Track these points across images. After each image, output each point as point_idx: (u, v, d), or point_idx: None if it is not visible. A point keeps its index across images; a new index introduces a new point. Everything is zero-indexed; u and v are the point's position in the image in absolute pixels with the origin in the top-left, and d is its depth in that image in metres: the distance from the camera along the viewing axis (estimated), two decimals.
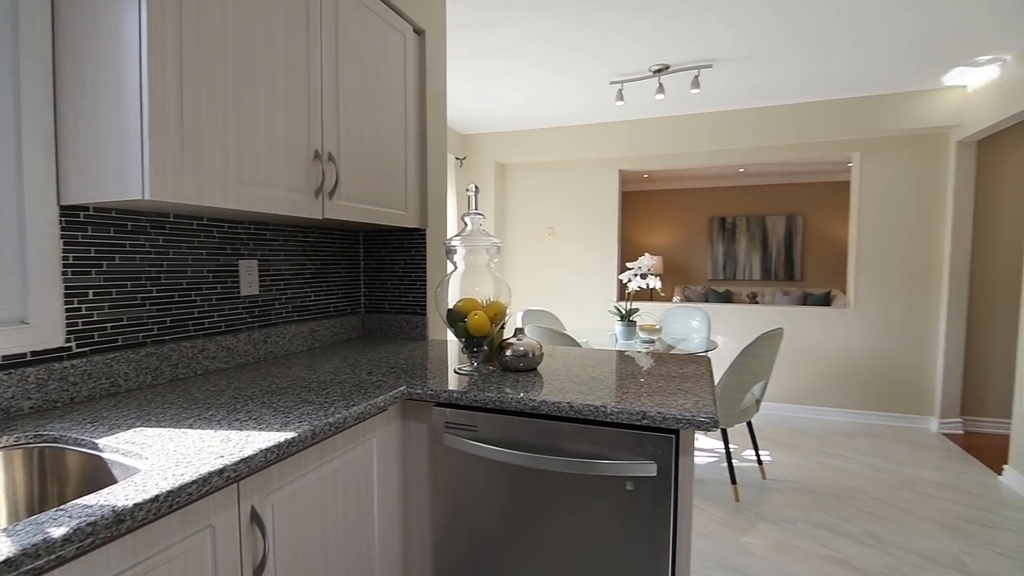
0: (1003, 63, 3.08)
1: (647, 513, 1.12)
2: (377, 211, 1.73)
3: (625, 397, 1.19)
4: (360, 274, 2.18)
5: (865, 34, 2.70)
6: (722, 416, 2.71)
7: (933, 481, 2.94)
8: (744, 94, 3.68)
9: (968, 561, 2.16)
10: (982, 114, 3.30)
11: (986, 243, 3.73)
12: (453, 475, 1.29)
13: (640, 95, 3.63)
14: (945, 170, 3.77)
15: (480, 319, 1.41)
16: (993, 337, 3.74)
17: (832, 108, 3.82)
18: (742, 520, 2.51)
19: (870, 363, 4.01)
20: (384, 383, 1.34)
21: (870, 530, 2.41)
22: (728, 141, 4.09)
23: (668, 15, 2.54)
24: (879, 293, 3.97)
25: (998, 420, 3.74)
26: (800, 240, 7.28)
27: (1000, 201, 3.68)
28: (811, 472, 3.07)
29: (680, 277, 7.93)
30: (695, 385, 1.31)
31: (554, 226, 4.88)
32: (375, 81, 1.71)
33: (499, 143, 4.74)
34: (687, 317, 3.85)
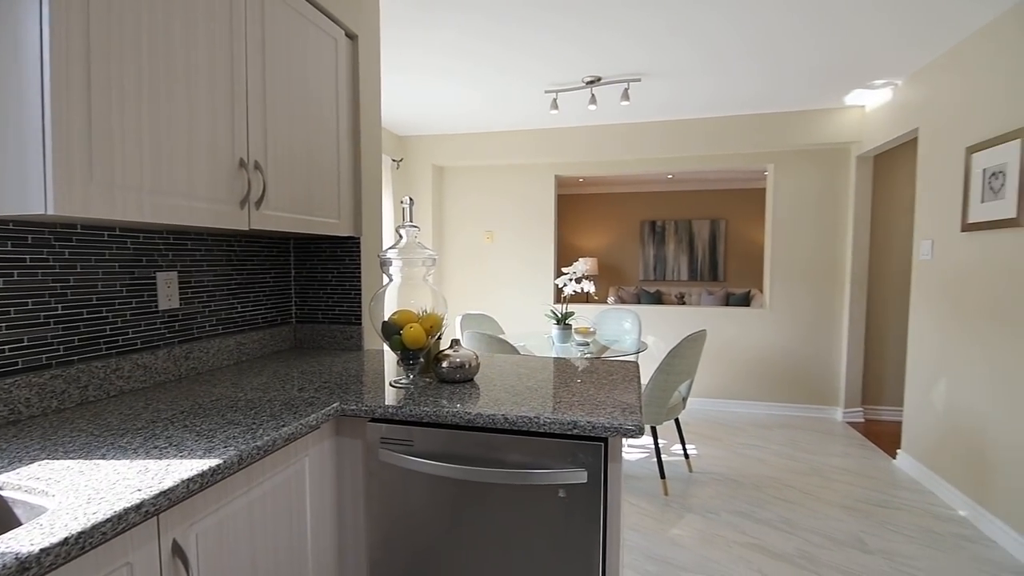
0: (895, 87, 3.42)
1: (579, 518, 1.17)
2: (308, 220, 1.69)
3: (558, 407, 1.24)
4: (291, 283, 2.11)
5: (772, 59, 2.91)
6: (651, 415, 2.84)
7: (838, 467, 3.22)
8: (668, 108, 3.86)
9: (867, 540, 2.39)
10: (878, 132, 3.65)
11: (881, 249, 4.12)
12: (389, 491, 1.28)
13: (574, 105, 3.73)
14: (847, 182, 4.13)
15: (416, 332, 1.41)
16: (888, 333, 4.14)
17: (746, 123, 4.09)
18: (670, 513, 2.64)
19: (784, 359, 4.33)
20: (317, 399, 1.32)
21: (783, 516, 2.61)
22: (653, 151, 4.28)
23: (594, 41, 2.64)
24: (791, 295, 4.30)
25: (893, 408, 4.15)
26: (723, 243, 7.72)
27: (893, 211, 4.08)
28: (732, 463, 3.28)
29: (614, 278, 8.20)
30: (623, 393, 1.37)
31: (492, 229, 4.92)
32: (305, 86, 1.66)
33: (436, 145, 4.72)
34: (619, 319, 4.00)
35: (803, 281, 4.27)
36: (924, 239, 3.06)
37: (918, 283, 3.11)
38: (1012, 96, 2.35)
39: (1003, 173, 2.39)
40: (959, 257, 2.72)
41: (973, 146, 2.59)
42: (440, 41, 2.75)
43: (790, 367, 4.32)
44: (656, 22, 2.49)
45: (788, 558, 2.25)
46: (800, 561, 2.23)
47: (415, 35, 2.68)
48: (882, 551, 2.30)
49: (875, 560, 2.23)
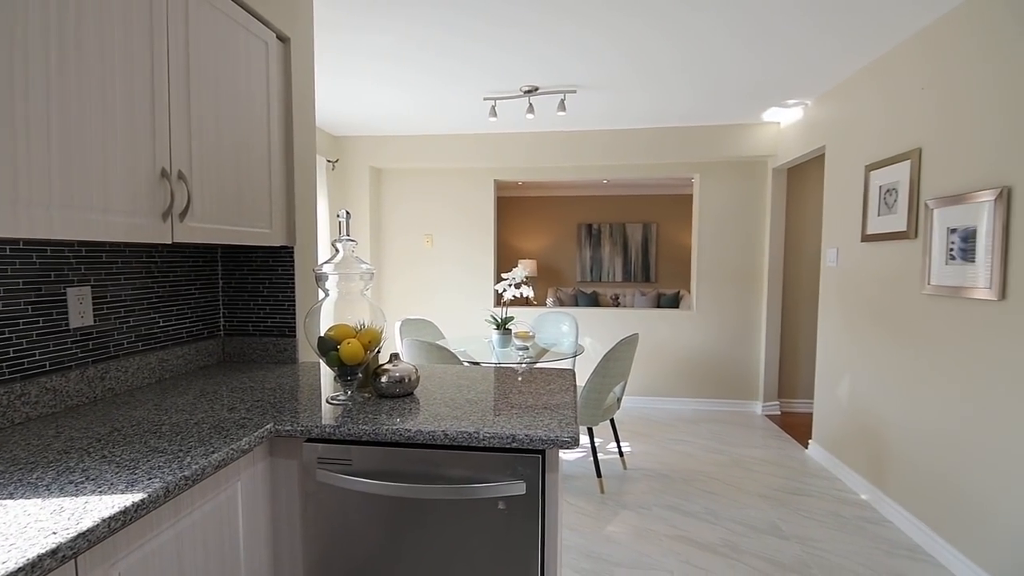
0: (805, 106, 3.71)
1: (519, 528, 1.20)
2: (238, 231, 1.62)
3: (497, 420, 1.27)
4: (219, 294, 2.02)
5: (701, 77, 3.09)
6: (588, 416, 2.94)
7: (757, 458, 3.46)
8: (606, 118, 3.99)
9: (783, 526, 2.59)
10: (791, 147, 3.95)
11: (795, 255, 4.46)
12: (327, 511, 1.26)
13: (512, 112, 3.78)
14: (764, 192, 4.44)
15: (354, 347, 1.40)
16: (801, 332, 4.49)
17: (677, 134, 4.30)
18: (606, 511, 2.75)
19: (709, 357, 4.59)
20: (248, 420, 1.28)
21: (709, 507, 2.78)
22: (589, 158, 4.41)
23: (532, 52, 2.70)
24: (716, 297, 4.56)
25: (805, 401, 4.50)
26: (655, 246, 8.06)
27: (804, 220, 4.43)
28: (663, 459, 3.44)
29: (553, 279, 8.36)
30: (560, 404, 1.42)
31: (432, 232, 4.89)
32: (234, 91, 1.60)
33: (374, 147, 4.63)
34: (557, 322, 4.09)
35: (726, 284, 4.54)
36: (830, 247, 3.35)
37: (825, 287, 3.40)
38: (904, 121, 2.62)
39: (896, 190, 2.66)
40: (860, 264, 3.00)
41: (871, 164, 2.86)
42: (378, 46, 2.71)
43: (715, 365, 4.58)
44: (595, 38, 2.58)
45: (713, 548, 2.40)
46: (724, 550, 2.38)
47: (352, 39, 2.63)
48: (796, 536, 2.50)
49: (790, 545, 2.42)
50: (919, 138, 2.50)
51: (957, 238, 2.22)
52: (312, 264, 2.11)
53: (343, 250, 1.46)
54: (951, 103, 2.28)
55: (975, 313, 2.12)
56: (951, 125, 2.28)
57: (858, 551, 2.37)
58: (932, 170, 2.40)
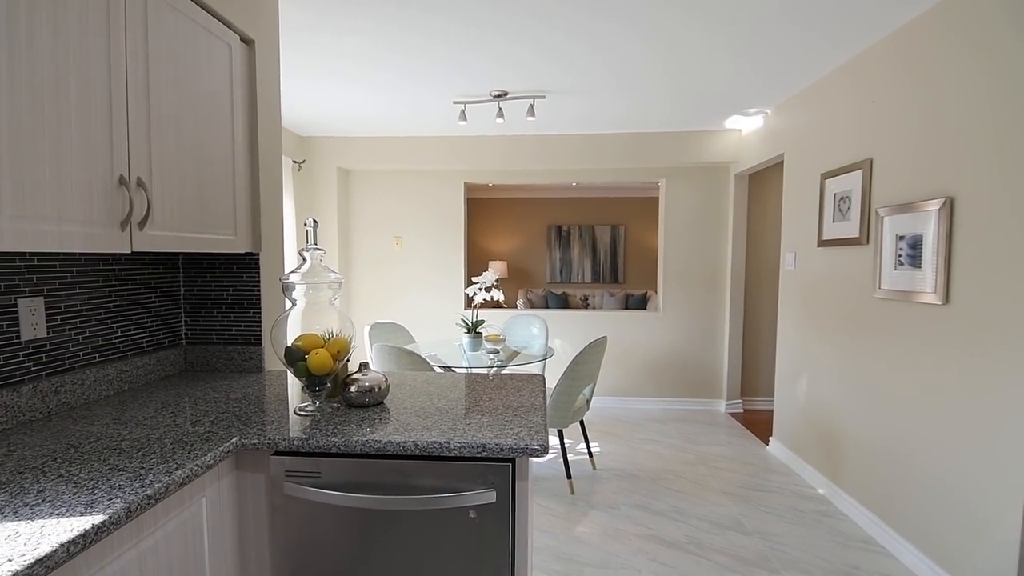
0: (766, 115, 3.84)
1: (489, 536, 1.22)
2: (201, 238, 1.59)
3: (467, 429, 1.28)
4: (181, 302, 1.96)
5: (668, 82, 3.16)
6: (558, 419, 2.97)
7: (721, 456, 3.56)
8: (572, 122, 4.04)
9: (745, 522, 2.68)
10: (752, 154, 4.08)
11: (756, 258, 4.61)
12: (296, 525, 1.25)
13: (482, 116, 3.79)
14: (727, 197, 4.57)
15: (322, 358, 1.39)
16: (761, 332, 4.64)
17: (647, 140, 4.39)
18: (576, 511, 2.79)
19: (675, 358, 4.70)
20: (213, 434, 1.25)
21: (675, 505, 2.85)
22: (559, 162, 4.46)
23: (504, 54, 2.72)
24: (681, 299, 4.68)
25: (767, 399, 4.65)
26: (623, 247, 8.19)
27: (765, 224, 4.58)
28: (632, 458, 3.51)
29: (523, 280, 8.40)
30: (530, 410, 1.44)
31: (401, 235, 4.85)
32: (196, 95, 1.56)
33: (342, 148, 4.56)
34: (527, 324, 4.12)
35: (691, 286, 4.66)
36: (789, 251, 3.47)
37: (784, 290, 3.53)
38: (857, 131, 2.74)
39: (849, 198, 2.78)
40: (816, 268, 3.12)
41: (827, 173, 2.99)
42: (345, 47, 2.68)
43: (681, 365, 4.70)
44: (565, 41, 2.60)
45: (680, 545, 2.47)
46: (690, 547, 2.45)
47: (319, 39, 2.59)
48: (758, 532, 2.59)
49: (752, 540, 2.51)
50: (870, 149, 2.62)
51: (905, 245, 2.33)
52: (279, 270, 2.08)
53: (311, 259, 1.45)
54: (899, 117, 2.40)
55: (922, 316, 2.24)
56: (899, 138, 2.40)
57: (816, 544, 2.47)
58: (882, 180, 2.52)
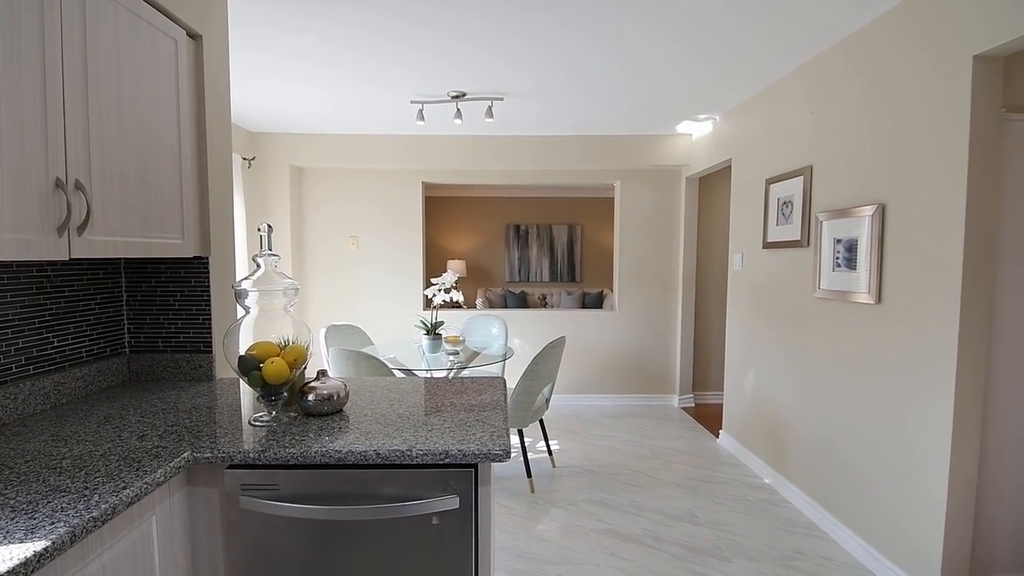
0: (715, 121, 3.99)
1: (452, 542, 1.22)
2: (145, 243, 1.52)
3: (429, 436, 1.28)
4: (123, 309, 1.87)
5: (624, 86, 3.24)
6: (518, 419, 3.00)
7: (674, 449, 3.69)
8: (530, 124, 4.08)
9: (698, 513, 2.79)
10: (702, 158, 4.23)
11: (706, 258, 4.78)
12: (253, 540, 1.22)
13: (441, 116, 3.76)
14: (679, 199, 4.72)
15: (278, 367, 1.35)
16: (712, 329, 4.83)
17: (603, 143, 4.48)
18: (537, 510, 2.82)
19: (630, 355, 4.82)
20: (163, 449, 1.20)
21: (632, 500, 2.93)
22: (517, 163, 4.49)
23: (460, 56, 2.71)
24: (636, 297, 4.80)
25: (717, 393, 4.84)
26: (580, 247, 8.32)
27: (714, 226, 4.76)
28: (590, 455, 3.59)
29: (482, 280, 8.40)
30: (491, 414, 1.46)
31: (357, 234, 4.76)
32: (139, 92, 1.49)
33: (295, 145, 4.43)
34: (487, 325, 4.13)
35: (645, 286, 4.79)
36: (736, 252, 3.63)
37: (732, 289, 3.68)
38: (799, 139, 2.89)
39: (792, 203, 2.93)
40: (761, 269, 3.28)
41: (771, 178, 3.14)
42: (297, 46, 2.61)
43: (636, 362, 4.82)
44: (522, 43, 2.61)
45: (637, 539, 2.54)
46: (647, 540, 2.53)
47: (271, 36, 2.51)
48: (709, 522, 2.70)
49: (704, 531, 2.61)
50: (810, 156, 2.77)
51: (842, 248, 2.48)
52: (230, 273, 2.01)
53: (265, 265, 1.41)
54: (837, 126, 2.55)
55: (857, 315, 2.39)
56: (837, 146, 2.55)
57: (762, 531, 2.60)
58: (822, 185, 2.67)
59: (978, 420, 1.89)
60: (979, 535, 1.96)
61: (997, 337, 1.93)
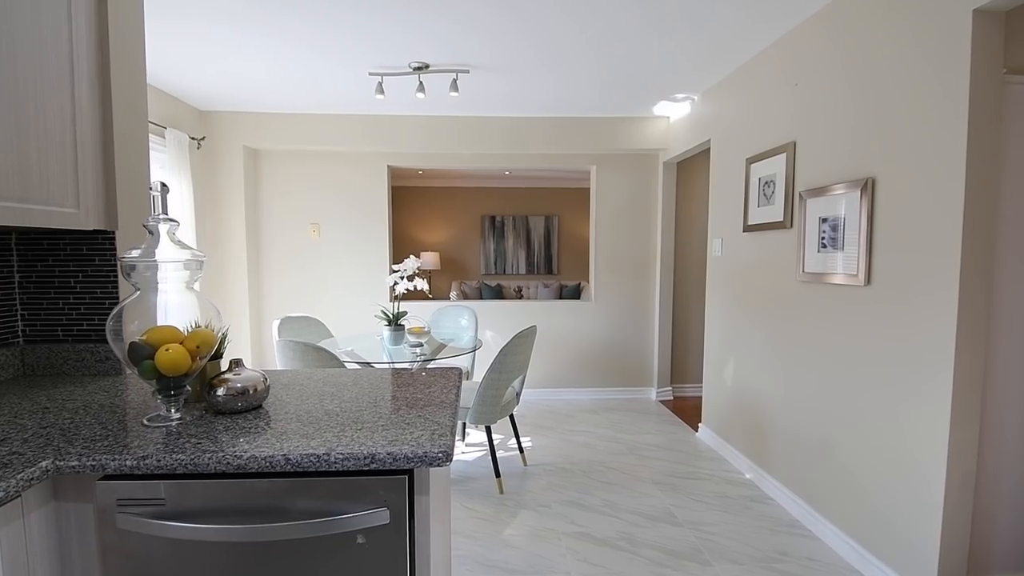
0: (693, 101, 3.82)
1: (383, 564, 1.01)
2: (22, 210, 1.26)
3: (357, 436, 1.06)
4: (15, 292, 1.60)
5: (596, 61, 3.04)
6: (485, 414, 2.80)
7: (652, 444, 3.53)
8: (499, 104, 3.86)
9: (676, 513, 2.62)
10: (679, 141, 4.06)
11: (684, 245, 4.63)
12: (135, 567, 0.99)
13: (401, 91, 3.51)
14: (656, 185, 4.56)
15: (174, 355, 1.12)
16: (690, 319, 4.68)
17: (575, 125, 4.28)
18: (505, 513, 2.62)
19: (606, 347, 4.65)
20: (18, 456, 0.96)
21: (607, 499, 2.75)
22: (487, 146, 4.27)
23: (421, 24, 2.48)
24: (612, 287, 4.63)
25: (695, 385, 4.70)
26: (556, 238, 8.14)
27: (692, 211, 4.61)
28: (563, 451, 3.40)
29: (457, 272, 8.16)
30: (437, 410, 1.24)
31: (319, 222, 4.48)
32: (12, 36, 1.23)
33: (249, 125, 4.14)
34: (456, 316, 3.92)
35: (622, 275, 4.62)
36: (716, 237, 3.47)
37: (711, 276, 3.53)
38: (779, 116, 2.73)
39: (774, 182, 2.77)
40: (742, 254, 3.12)
41: (751, 157, 2.97)
42: (245, 14, 2.34)
43: (612, 354, 4.65)
44: (488, 10, 2.40)
45: (611, 542, 2.36)
46: (621, 543, 2.35)
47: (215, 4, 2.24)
48: (688, 522, 2.53)
49: (683, 532, 2.44)
50: (793, 132, 2.61)
51: (828, 227, 2.33)
52: None
53: (161, 233, 1.17)
54: (821, 99, 2.39)
55: (844, 297, 2.24)
56: (820, 120, 2.39)
57: (744, 531, 2.44)
58: (805, 162, 2.51)
59: (976, 409, 1.75)
60: (976, 532, 1.82)
61: (995, 321, 1.79)
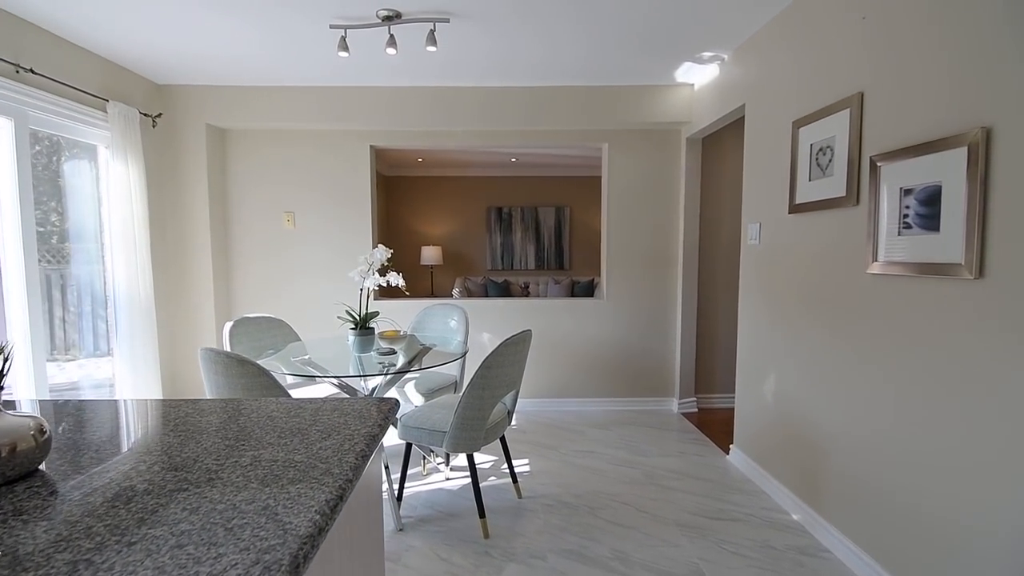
0: (722, 62, 3.22)
1: None
2: None
3: (133, 551, 0.53)
4: None
5: (604, 7, 2.47)
6: (466, 441, 2.26)
7: (674, 470, 2.95)
8: (490, 71, 3.31)
9: (708, 570, 2.05)
10: (706, 112, 3.46)
11: (711, 234, 4.03)
12: None
13: (369, 48, 2.97)
14: (677, 165, 3.96)
15: None
16: (718, 319, 4.08)
17: (574, 95, 3.70)
18: (487, 567, 2.08)
19: (620, 351, 4.08)
20: None
21: (618, 549, 2.19)
22: (477, 120, 3.72)
23: None
24: (627, 283, 4.05)
25: (724, 395, 4.11)
26: (568, 231, 7.56)
27: (721, 195, 4.00)
28: (566, 479, 2.85)
29: (462, 268, 7.64)
30: (306, 491, 0.71)
31: (294, 210, 3.99)
32: None
33: (212, 100, 3.66)
34: (445, 316, 3.39)
35: (639, 269, 4.04)
36: (752, 222, 2.88)
37: (746, 268, 2.94)
38: (839, 62, 2.13)
39: (831, 148, 2.18)
40: (787, 240, 2.53)
41: (800, 120, 2.38)
42: None
43: (627, 359, 4.08)
44: None
45: None
46: None
47: None
48: None
49: None
50: (859, 81, 2.02)
51: (914, 201, 1.74)
52: None
53: None
54: (898, 32, 1.80)
55: (941, 295, 1.65)
56: (902, 58, 1.79)
57: None
58: (878, 118, 1.92)
59: None
60: None
61: None
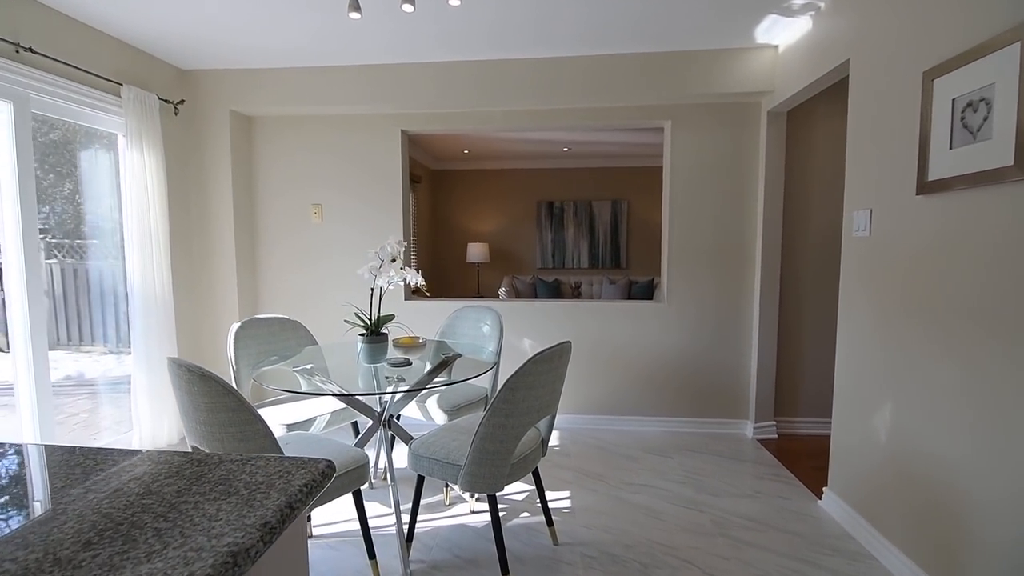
0: (817, 12, 2.61)
1: None
2: None
3: None
4: None
5: None
6: (485, 480, 1.83)
7: (750, 518, 2.39)
8: (531, 41, 2.86)
9: None
10: (794, 77, 2.85)
11: (798, 225, 3.38)
12: None
13: (387, 5, 2.59)
14: (756, 144, 3.35)
15: None
16: (806, 329, 3.43)
17: (631, 64, 3.17)
18: None
19: (683, 363, 3.51)
20: None
21: None
22: (520, 99, 3.27)
23: None
24: (692, 284, 3.48)
25: (811, 420, 3.45)
26: (625, 226, 6.98)
27: (811, 178, 3.35)
28: (615, 521, 2.36)
29: (510, 266, 7.24)
30: None
31: (322, 203, 3.71)
32: None
33: (236, 85, 3.42)
34: (478, 320, 2.97)
35: (706, 268, 3.46)
36: (858, 209, 2.27)
37: (850, 267, 2.33)
38: None
39: (988, 101, 1.57)
40: (912, 230, 1.92)
41: (935, 69, 1.77)
42: None
43: (691, 372, 3.51)
44: None
45: None
46: None
47: None
48: None
49: None
50: None
51: None
52: None
53: None
54: None
55: None
56: None
57: None
58: None
59: None
60: None
61: None
